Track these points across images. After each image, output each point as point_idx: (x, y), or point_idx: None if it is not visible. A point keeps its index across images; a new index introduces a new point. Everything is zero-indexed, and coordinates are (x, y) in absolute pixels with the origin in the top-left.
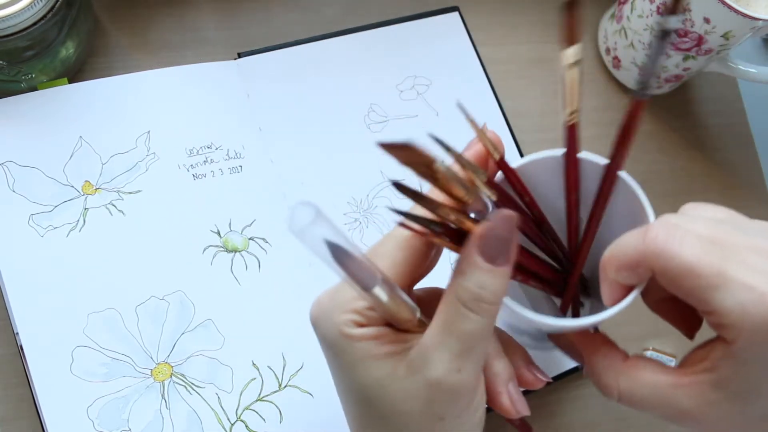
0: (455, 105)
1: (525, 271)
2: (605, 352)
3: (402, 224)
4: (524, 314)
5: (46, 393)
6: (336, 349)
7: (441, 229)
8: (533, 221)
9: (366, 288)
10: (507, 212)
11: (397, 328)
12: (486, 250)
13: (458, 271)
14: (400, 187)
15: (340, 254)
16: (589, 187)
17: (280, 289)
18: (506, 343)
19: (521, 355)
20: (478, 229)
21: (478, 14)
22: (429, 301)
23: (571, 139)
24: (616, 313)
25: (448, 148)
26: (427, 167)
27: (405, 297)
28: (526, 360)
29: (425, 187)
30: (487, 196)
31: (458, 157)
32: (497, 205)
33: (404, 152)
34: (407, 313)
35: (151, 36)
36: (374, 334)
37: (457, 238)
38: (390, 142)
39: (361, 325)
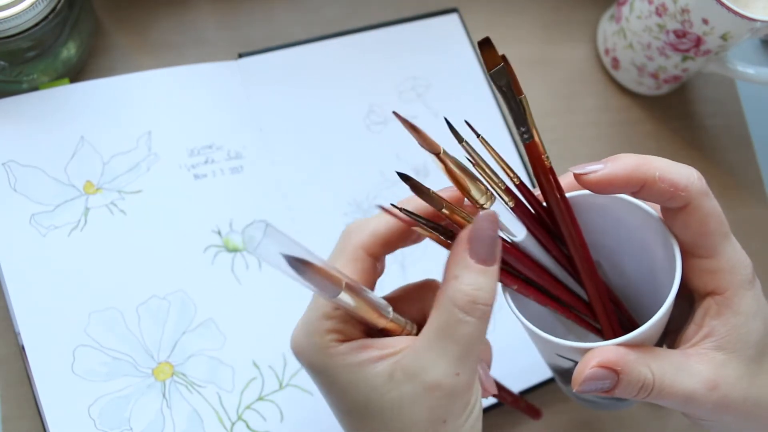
0: (455, 106)
1: (555, 300)
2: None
3: (384, 209)
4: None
5: (47, 392)
6: (326, 370)
7: (432, 224)
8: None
9: (332, 295)
10: (490, 212)
11: (378, 334)
12: (476, 251)
13: (450, 275)
14: (405, 177)
15: (299, 265)
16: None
17: (281, 289)
18: None
19: (488, 349)
20: (465, 232)
21: (478, 15)
22: (410, 297)
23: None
24: (650, 326)
25: (460, 139)
26: (435, 154)
27: (375, 298)
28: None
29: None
30: (504, 202)
31: (477, 156)
32: (514, 212)
33: (413, 132)
34: (379, 314)
35: (152, 36)
36: (359, 345)
37: (447, 235)
38: (404, 118)
39: (343, 341)
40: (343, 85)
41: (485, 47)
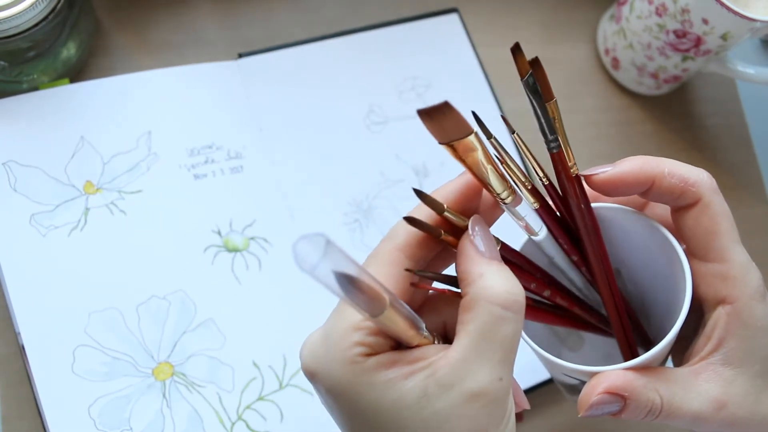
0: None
1: (569, 316)
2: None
3: (408, 220)
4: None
5: (47, 392)
6: (349, 389)
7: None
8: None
9: (375, 314)
10: (476, 216)
11: (404, 346)
12: (485, 250)
13: (474, 275)
14: (418, 193)
15: (346, 283)
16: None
17: (281, 289)
18: None
19: None
20: (467, 235)
21: (478, 15)
22: (426, 309)
23: (580, 188)
24: (662, 347)
25: (489, 135)
26: (464, 139)
27: (411, 313)
28: None
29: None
30: (531, 203)
31: (502, 153)
32: (539, 213)
33: (442, 114)
34: (415, 331)
35: (152, 36)
36: (388, 360)
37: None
38: (427, 106)
39: (370, 355)
40: (343, 85)
41: (517, 54)
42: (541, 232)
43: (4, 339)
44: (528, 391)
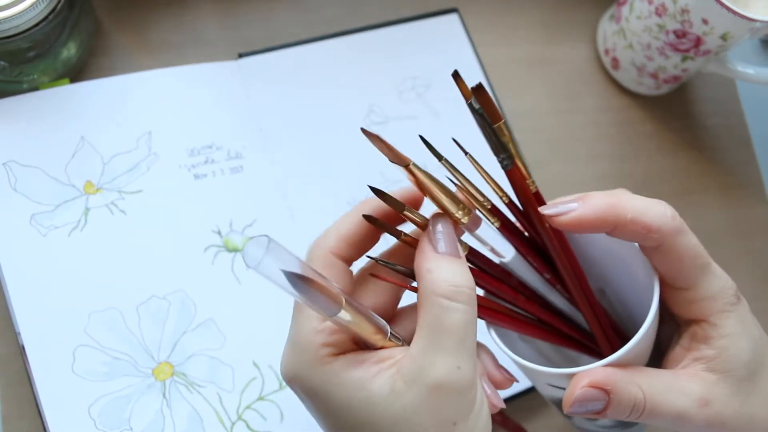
0: (455, 106)
1: (550, 330)
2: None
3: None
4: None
5: (47, 392)
6: (321, 390)
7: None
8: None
9: (332, 313)
10: (437, 213)
11: (371, 348)
12: (441, 247)
13: (425, 271)
14: (376, 191)
15: (299, 282)
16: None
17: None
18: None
19: (490, 356)
20: (424, 234)
21: (478, 15)
22: (402, 319)
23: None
24: (633, 345)
25: (439, 156)
26: (405, 167)
27: (372, 314)
28: (495, 361)
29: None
30: (490, 222)
31: (458, 175)
32: (501, 231)
33: (378, 143)
34: (376, 330)
35: (152, 37)
36: (355, 360)
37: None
38: (368, 130)
39: (337, 354)
40: (343, 85)
41: (457, 79)
42: (508, 253)
43: (4, 339)
44: (526, 393)
